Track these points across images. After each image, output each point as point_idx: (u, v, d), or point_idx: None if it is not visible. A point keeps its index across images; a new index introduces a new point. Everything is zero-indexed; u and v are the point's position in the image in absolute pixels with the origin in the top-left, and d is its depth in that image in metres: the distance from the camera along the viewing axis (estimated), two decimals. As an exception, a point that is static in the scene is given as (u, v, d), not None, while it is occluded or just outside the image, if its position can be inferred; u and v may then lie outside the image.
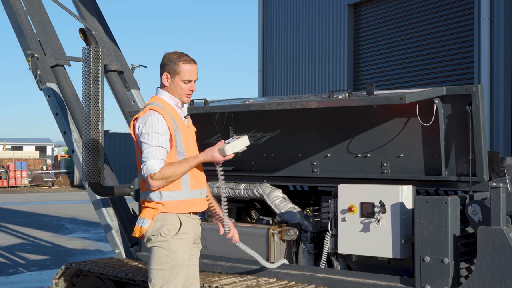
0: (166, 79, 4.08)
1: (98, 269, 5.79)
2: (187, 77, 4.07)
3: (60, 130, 6.87)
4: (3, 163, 42.67)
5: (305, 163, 5.58)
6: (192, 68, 4.08)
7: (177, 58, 4.06)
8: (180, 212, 4.01)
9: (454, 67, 12.10)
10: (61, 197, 26.78)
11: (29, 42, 6.91)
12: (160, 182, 3.89)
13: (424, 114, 4.81)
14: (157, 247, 3.98)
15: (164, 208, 3.97)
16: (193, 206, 4.08)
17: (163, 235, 3.96)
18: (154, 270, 3.99)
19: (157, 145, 3.89)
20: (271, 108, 5.23)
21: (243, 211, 6.26)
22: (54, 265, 10.10)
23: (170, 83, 4.08)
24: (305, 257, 5.34)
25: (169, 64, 4.07)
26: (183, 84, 4.07)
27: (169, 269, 3.96)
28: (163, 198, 3.97)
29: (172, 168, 3.90)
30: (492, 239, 4.14)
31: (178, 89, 4.08)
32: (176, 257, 3.98)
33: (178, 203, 4.00)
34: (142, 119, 3.96)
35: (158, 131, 3.90)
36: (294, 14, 16.31)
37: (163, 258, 3.97)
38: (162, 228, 3.96)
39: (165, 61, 4.08)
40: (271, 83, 17.25)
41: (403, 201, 4.61)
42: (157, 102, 4.05)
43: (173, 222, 3.98)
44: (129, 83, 7.42)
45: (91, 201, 6.73)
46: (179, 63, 4.05)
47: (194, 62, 4.11)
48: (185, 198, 4.03)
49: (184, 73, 4.06)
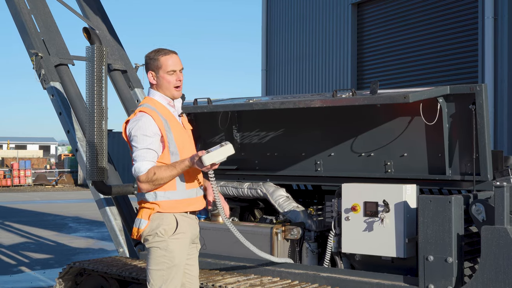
0: (152, 78, 4.08)
1: (101, 268, 5.79)
2: (170, 67, 4.05)
3: (64, 129, 6.88)
4: (7, 162, 42.74)
5: (309, 162, 5.58)
6: (173, 58, 4.07)
7: (156, 54, 4.07)
8: (176, 211, 4.01)
9: (458, 66, 12.08)
10: (64, 196, 26.82)
11: (33, 41, 6.91)
12: (147, 185, 3.89)
13: (427, 113, 4.80)
14: (154, 248, 3.98)
15: (160, 208, 3.97)
16: (189, 205, 4.07)
17: (160, 235, 3.96)
18: (152, 270, 3.98)
19: (145, 147, 3.89)
20: (274, 107, 5.23)
21: (246, 210, 6.26)
22: (57, 264, 10.12)
23: (157, 80, 4.07)
24: (308, 256, 5.33)
25: (150, 62, 4.08)
26: (168, 76, 4.06)
27: (167, 269, 3.96)
28: (158, 199, 3.97)
29: (158, 171, 3.88)
30: (496, 239, 4.13)
31: (165, 83, 4.06)
32: (174, 257, 3.97)
33: (174, 203, 4.00)
34: (132, 121, 3.99)
35: (146, 133, 3.91)
36: (298, 13, 16.30)
37: (160, 259, 3.96)
38: (159, 228, 3.96)
39: (146, 60, 4.10)
40: (274, 82, 17.25)
41: (406, 200, 4.61)
42: (148, 104, 4.05)
43: (170, 222, 3.98)
44: (133, 82, 7.43)
45: (94, 200, 6.73)
46: (159, 57, 4.05)
47: (173, 53, 4.10)
48: (181, 197, 4.02)
49: (166, 65, 4.05)
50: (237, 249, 5.20)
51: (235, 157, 6.01)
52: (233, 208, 6.19)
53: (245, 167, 5.95)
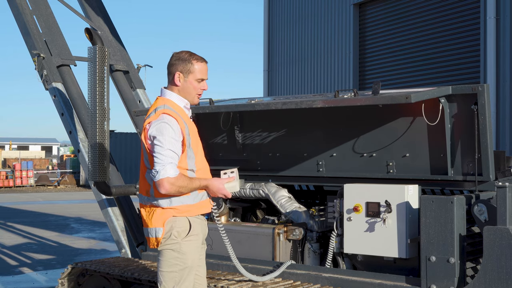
0: (178, 79, 4.00)
1: (104, 268, 5.79)
2: (200, 75, 4.02)
3: (66, 129, 6.88)
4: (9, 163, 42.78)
5: (311, 163, 5.57)
6: (204, 67, 4.05)
7: (189, 57, 4.00)
8: (190, 215, 4.00)
9: (460, 66, 12.08)
10: (67, 196, 26.83)
11: (35, 42, 6.92)
12: (175, 188, 3.82)
13: (430, 114, 4.80)
14: (167, 250, 3.96)
15: (175, 212, 3.95)
16: (201, 208, 4.08)
17: (173, 238, 3.94)
18: (164, 272, 3.97)
19: (171, 150, 3.82)
20: (276, 108, 5.22)
21: (248, 211, 6.26)
22: (60, 264, 10.12)
23: (183, 82, 4.01)
24: (310, 257, 5.33)
25: (181, 63, 4.00)
26: (196, 83, 4.02)
27: (180, 271, 3.95)
28: (173, 204, 3.94)
29: (186, 181, 3.86)
30: (498, 239, 4.13)
31: (190, 89, 4.02)
32: (187, 259, 3.97)
33: (188, 207, 3.99)
34: (155, 123, 3.88)
35: (172, 136, 3.84)
36: (300, 14, 16.30)
37: (173, 261, 3.95)
38: (172, 230, 3.94)
39: (176, 60, 4.01)
40: (276, 82, 17.25)
41: (408, 200, 4.60)
42: (168, 105, 3.97)
43: (183, 225, 3.97)
44: (135, 83, 7.43)
45: (96, 201, 6.74)
46: (193, 61, 4.00)
47: (206, 61, 4.09)
48: (194, 202, 4.01)
49: (198, 71, 4.01)
50: (239, 249, 5.20)
51: (237, 157, 6.03)
52: (235, 208, 6.19)
53: (247, 167, 5.95)
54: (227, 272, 5.39)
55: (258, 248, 5.41)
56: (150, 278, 5.31)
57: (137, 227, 6.53)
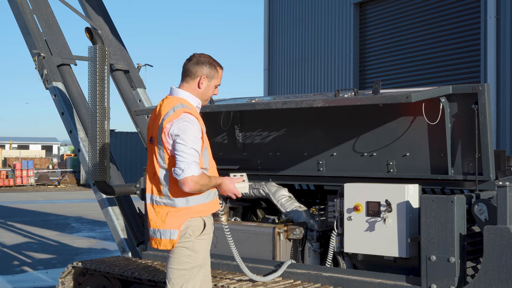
0: (202, 82, 4.09)
1: (104, 268, 5.80)
2: (219, 82, 4.18)
3: (66, 129, 6.88)
4: (9, 162, 42.77)
5: (311, 162, 5.58)
6: (222, 74, 4.20)
7: (214, 62, 4.12)
8: (205, 215, 4.05)
9: (460, 65, 12.07)
10: (67, 196, 26.84)
11: (35, 41, 6.92)
12: (198, 186, 3.87)
13: (430, 113, 4.80)
14: (180, 248, 3.98)
15: (191, 212, 3.98)
16: (213, 207, 4.14)
17: (187, 236, 3.98)
18: (175, 270, 4.00)
19: (194, 149, 3.87)
20: (277, 107, 5.23)
21: (248, 210, 6.26)
22: (60, 264, 10.13)
23: (205, 86, 4.10)
24: (311, 256, 5.34)
25: (207, 67, 4.09)
26: (213, 88, 4.15)
27: (190, 270, 3.99)
28: (190, 203, 3.98)
29: (207, 179, 3.94)
30: (498, 238, 4.13)
31: (208, 93, 4.14)
32: (198, 257, 4.01)
33: (203, 206, 4.03)
34: (177, 122, 3.90)
35: (194, 135, 3.89)
36: (300, 13, 16.30)
37: (185, 258, 3.98)
38: (187, 229, 3.98)
39: (203, 64, 4.09)
40: (277, 82, 17.25)
41: (409, 200, 4.61)
42: (185, 105, 4.01)
43: (198, 223, 4.01)
44: (135, 82, 7.44)
45: (97, 200, 6.74)
46: (218, 68, 4.14)
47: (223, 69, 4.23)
48: (207, 201, 4.07)
49: (219, 78, 4.17)
50: (239, 248, 5.20)
51: (237, 157, 6.03)
52: (235, 208, 6.19)
53: (247, 167, 5.95)
54: (228, 272, 5.40)
55: (259, 248, 5.41)
56: (151, 278, 5.31)
57: (137, 227, 6.53)
